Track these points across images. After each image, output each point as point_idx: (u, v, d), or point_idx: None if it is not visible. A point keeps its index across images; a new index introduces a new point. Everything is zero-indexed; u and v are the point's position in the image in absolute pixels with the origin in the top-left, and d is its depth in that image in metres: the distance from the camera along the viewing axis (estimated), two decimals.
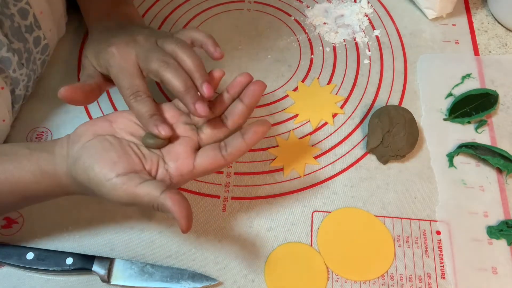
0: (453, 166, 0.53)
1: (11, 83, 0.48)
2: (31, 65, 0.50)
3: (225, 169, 0.52)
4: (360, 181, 0.52)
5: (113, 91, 0.57)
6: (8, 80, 0.47)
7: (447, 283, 0.46)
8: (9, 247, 0.46)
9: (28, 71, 0.49)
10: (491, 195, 0.51)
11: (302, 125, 0.56)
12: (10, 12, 0.45)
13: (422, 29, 0.65)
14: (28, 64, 0.49)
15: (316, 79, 0.59)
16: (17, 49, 0.47)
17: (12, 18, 0.45)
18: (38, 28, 0.49)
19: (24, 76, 0.49)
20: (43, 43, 0.51)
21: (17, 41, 0.46)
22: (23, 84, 0.50)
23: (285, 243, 0.48)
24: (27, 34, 0.48)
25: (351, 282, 0.46)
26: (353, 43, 0.63)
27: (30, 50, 0.49)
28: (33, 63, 0.50)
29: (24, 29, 0.47)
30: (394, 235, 0.48)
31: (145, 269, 0.45)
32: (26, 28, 0.47)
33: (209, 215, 0.49)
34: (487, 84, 0.59)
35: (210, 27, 0.64)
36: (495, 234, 0.48)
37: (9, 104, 0.49)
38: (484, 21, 0.66)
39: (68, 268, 0.44)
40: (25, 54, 0.48)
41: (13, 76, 0.47)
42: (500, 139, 0.55)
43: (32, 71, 0.51)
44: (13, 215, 0.48)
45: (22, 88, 0.50)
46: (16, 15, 0.46)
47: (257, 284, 0.46)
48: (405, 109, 0.54)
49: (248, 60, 0.61)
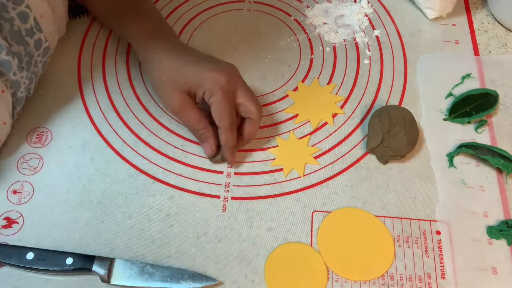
0: (453, 166, 0.53)
1: (12, 86, 0.48)
2: (32, 68, 0.50)
3: (225, 169, 0.52)
4: (360, 181, 0.52)
5: (112, 90, 0.57)
6: (9, 83, 0.47)
7: (447, 283, 0.46)
8: (9, 247, 0.46)
9: (29, 74, 0.49)
10: (491, 195, 0.51)
11: (302, 125, 0.56)
12: (10, 16, 0.45)
13: (422, 29, 0.65)
14: (29, 67, 0.49)
15: (316, 79, 0.59)
16: (17, 53, 0.47)
17: (11, 22, 0.45)
18: (39, 31, 0.49)
19: (25, 79, 0.49)
20: (44, 46, 0.51)
21: (16, 44, 0.46)
22: (25, 86, 0.50)
23: (285, 243, 0.48)
24: (27, 37, 0.48)
25: (351, 282, 0.46)
26: (353, 43, 0.63)
27: (31, 53, 0.49)
28: (35, 66, 0.50)
29: (24, 32, 0.47)
30: (394, 235, 0.48)
31: (145, 269, 0.45)
32: (27, 32, 0.47)
33: (209, 215, 0.49)
34: (487, 84, 0.59)
35: (210, 27, 0.64)
36: (495, 234, 0.48)
37: (10, 107, 0.49)
38: (484, 21, 0.66)
39: (68, 268, 0.44)
40: (25, 58, 0.48)
41: (13, 79, 0.47)
42: (500, 139, 0.55)
43: (33, 73, 0.51)
44: (13, 215, 0.49)
45: (23, 90, 0.50)
46: (16, 18, 0.45)
47: (257, 284, 0.46)
48: (405, 109, 0.54)
49: (248, 60, 0.61)
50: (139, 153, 0.53)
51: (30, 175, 0.51)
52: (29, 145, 0.53)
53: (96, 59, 0.60)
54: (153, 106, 0.56)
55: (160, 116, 0.56)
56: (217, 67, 0.49)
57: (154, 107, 0.56)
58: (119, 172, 0.51)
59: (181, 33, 0.63)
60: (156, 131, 0.55)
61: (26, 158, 0.52)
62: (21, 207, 0.49)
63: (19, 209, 0.49)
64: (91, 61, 0.60)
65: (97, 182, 0.51)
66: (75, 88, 0.57)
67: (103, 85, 0.58)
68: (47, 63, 0.54)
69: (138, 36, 0.54)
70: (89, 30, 0.63)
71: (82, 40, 0.62)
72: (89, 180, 0.51)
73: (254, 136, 0.52)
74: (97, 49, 0.61)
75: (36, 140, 0.53)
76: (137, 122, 0.55)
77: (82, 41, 0.61)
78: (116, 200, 0.50)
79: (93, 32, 0.62)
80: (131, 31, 0.55)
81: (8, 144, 0.53)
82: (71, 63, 0.59)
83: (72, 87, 0.57)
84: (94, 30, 0.63)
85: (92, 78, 0.58)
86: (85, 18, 0.63)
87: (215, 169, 0.52)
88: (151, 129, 0.55)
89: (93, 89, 0.57)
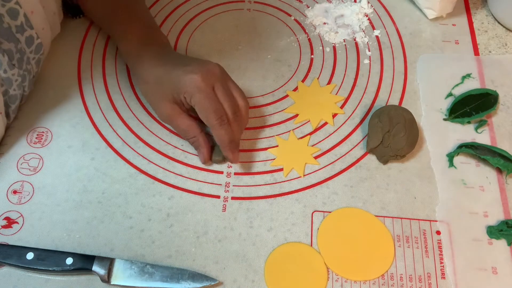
0: (453, 166, 0.53)
1: (3, 83, 0.48)
2: (25, 65, 0.50)
3: (225, 169, 0.52)
4: (360, 181, 0.52)
5: (112, 90, 0.57)
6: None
7: (447, 283, 0.46)
8: (9, 247, 0.46)
9: (21, 71, 0.49)
10: (491, 195, 0.51)
11: (302, 125, 0.56)
12: None
13: (422, 29, 0.65)
14: (20, 64, 0.49)
15: (316, 79, 0.59)
16: (7, 50, 0.46)
17: (1, 19, 0.45)
18: (30, 27, 0.49)
19: (17, 76, 0.49)
20: (36, 42, 0.51)
21: (7, 41, 0.46)
22: (17, 84, 0.49)
23: (285, 243, 0.48)
24: (18, 34, 0.47)
25: (351, 282, 0.46)
26: (353, 43, 0.63)
27: (22, 50, 0.49)
28: (27, 63, 0.50)
29: (15, 29, 0.47)
30: (394, 235, 0.48)
31: (145, 269, 0.45)
32: (17, 28, 0.47)
33: (209, 215, 0.49)
34: (487, 84, 0.59)
35: (210, 27, 0.64)
36: (495, 234, 0.48)
37: (1, 105, 0.49)
38: (484, 21, 0.66)
39: (68, 268, 0.44)
40: (17, 55, 0.48)
41: (4, 77, 0.47)
42: (500, 139, 0.55)
43: (26, 71, 0.50)
44: (13, 215, 0.49)
45: (16, 88, 0.49)
46: (5, 15, 0.45)
47: (257, 284, 0.46)
48: (405, 109, 0.54)
49: (248, 60, 0.61)
50: (139, 153, 0.53)
51: (30, 175, 0.51)
52: (29, 145, 0.53)
53: (96, 59, 0.60)
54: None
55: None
56: (192, 68, 0.49)
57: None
58: (119, 172, 0.51)
59: (181, 33, 0.63)
60: (156, 131, 0.55)
61: (26, 158, 0.52)
62: (21, 207, 0.49)
63: (19, 209, 0.49)
64: (91, 61, 0.60)
65: (97, 182, 0.51)
66: (75, 88, 0.57)
67: (103, 85, 0.58)
68: (41, 60, 0.54)
69: (127, 44, 0.55)
70: (89, 30, 0.63)
71: (82, 40, 0.62)
72: (89, 180, 0.51)
73: (244, 126, 0.52)
74: (97, 49, 0.61)
75: (36, 140, 0.53)
76: (137, 122, 0.55)
77: (82, 41, 0.61)
78: (116, 200, 0.50)
79: (93, 32, 0.62)
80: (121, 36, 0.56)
81: (8, 144, 0.53)
82: (71, 63, 0.59)
83: (72, 87, 0.57)
84: (94, 30, 0.63)
85: (92, 78, 0.58)
86: (85, 18, 0.63)
87: (215, 169, 0.52)
88: (151, 129, 0.55)
89: (93, 89, 0.57)
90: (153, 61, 0.52)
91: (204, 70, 0.48)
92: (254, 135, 0.55)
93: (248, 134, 0.55)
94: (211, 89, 0.48)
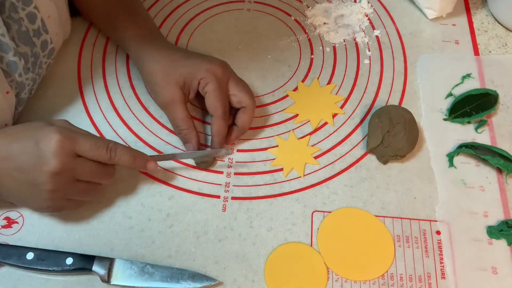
0: (453, 166, 0.53)
1: (16, 87, 0.48)
2: (37, 69, 0.50)
3: (225, 169, 0.52)
4: (360, 181, 0.52)
5: (112, 90, 0.57)
6: (14, 84, 0.47)
7: (447, 283, 0.46)
8: (9, 247, 0.46)
9: (34, 75, 0.49)
10: (491, 195, 0.51)
11: (302, 125, 0.56)
12: (19, 16, 0.45)
13: (422, 29, 0.65)
14: (34, 68, 0.49)
15: (316, 79, 0.59)
16: (23, 53, 0.47)
17: (20, 22, 0.45)
18: (46, 32, 0.49)
19: (29, 81, 0.49)
20: (49, 47, 0.51)
21: (23, 45, 0.46)
22: (28, 88, 0.50)
23: (285, 243, 0.48)
24: (35, 38, 0.48)
25: (351, 282, 0.46)
26: (353, 43, 0.63)
27: (37, 54, 0.49)
28: (39, 67, 0.50)
29: (32, 33, 0.47)
30: (394, 235, 0.48)
31: (145, 269, 0.45)
32: (34, 32, 0.47)
33: (209, 215, 0.49)
34: (487, 84, 0.59)
35: (210, 27, 0.64)
36: (495, 234, 0.48)
37: (13, 108, 0.49)
38: (484, 21, 0.66)
39: (68, 268, 0.44)
40: (31, 58, 0.48)
41: (18, 81, 0.47)
42: (500, 139, 0.55)
43: (37, 75, 0.51)
44: (13, 215, 0.49)
45: (27, 92, 0.50)
46: (24, 19, 0.46)
47: (257, 284, 0.46)
48: (405, 109, 0.54)
49: (248, 60, 0.61)
50: None
51: None
52: None
53: (96, 59, 0.60)
54: (153, 106, 0.56)
55: (160, 117, 0.56)
56: (211, 59, 0.52)
57: (154, 107, 0.56)
58: (119, 172, 0.51)
59: (181, 33, 0.63)
60: (156, 131, 0.55)
61: None
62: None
63: (19, 209, 0.49)
64: (91, 61, 0.60)
65: None
66: (75, 88, 0.57)
67: (103, 85, 0.58)
68: (50, 64, 0.54)
69: (131, 39, 0.55)
70: (89, 30, 0.63)
71: (82, 40, 0.62)
72: None
73: (249, 125, 0.53)
74: (97, 49, 0.61)
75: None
76: (137, 122, 0.55)
77: (82, 41, 0.61)
78: (116, 200, 0.50)
79: (93, 32, 0.62)
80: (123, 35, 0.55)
81: None
82: (71, 63, 0.59)
83: (72, 87, 0.57)
84: (94, 30, 0.63)
85: (92, 78, 0.58)
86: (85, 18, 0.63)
87: (215, 169, 0.52)
88: (151, 129, 0.55)
89: (93, 89, 0.58)
90: (168, 45, 0.55)
91: (223, 64, 0.52)
92: (254, 135, 0.55)
93: (248, 134, 0.54)
94: (225, 83, 0.51)
